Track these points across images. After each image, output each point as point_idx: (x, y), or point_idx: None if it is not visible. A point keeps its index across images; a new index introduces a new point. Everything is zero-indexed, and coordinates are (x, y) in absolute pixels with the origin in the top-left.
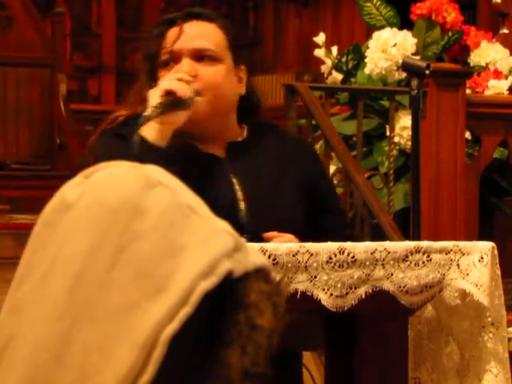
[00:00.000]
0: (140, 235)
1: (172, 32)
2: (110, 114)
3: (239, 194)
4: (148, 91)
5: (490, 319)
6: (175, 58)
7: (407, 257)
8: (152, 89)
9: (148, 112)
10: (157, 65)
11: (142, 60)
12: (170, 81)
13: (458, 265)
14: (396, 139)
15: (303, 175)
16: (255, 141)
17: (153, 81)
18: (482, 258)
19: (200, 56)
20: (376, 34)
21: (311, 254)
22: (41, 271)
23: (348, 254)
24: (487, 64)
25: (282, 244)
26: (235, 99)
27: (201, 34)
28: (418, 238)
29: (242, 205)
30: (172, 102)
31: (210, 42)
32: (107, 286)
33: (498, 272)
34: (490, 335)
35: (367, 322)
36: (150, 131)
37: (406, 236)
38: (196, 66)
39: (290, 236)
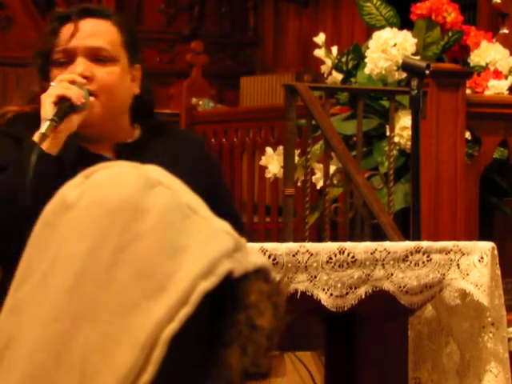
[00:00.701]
0: (140, 235)
1: (66, 29)
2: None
3: None
4: (39, 93)
5: (490, 319)
6: (69, 57)
7: (407, 257)
8: (44, 92)
9: (43, 129)
10: (49, 63)
11: (35, 57)
12: (62, 85)
13: (457, 265)
14: (396, 139)
15: (194, 177)
16: (146, 142)
17: (45, 79)
18: (481, 258)
19: (95, 55)
20: (376, 34)
21: (311, 254)
22: (41, 271)
23: (348, 254)
24: (487, 64)
25: (282, 244)
26: (129, 100)
27: (96, 32)
28: (418, 238)
29: None
30: (65, 109)
31: (105, 40)
32: (107, 286)
33: (498, 272)
34: (490, 335)
35: (367, 322)
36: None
37: (406, 236)
38: (91, 65)
39: None
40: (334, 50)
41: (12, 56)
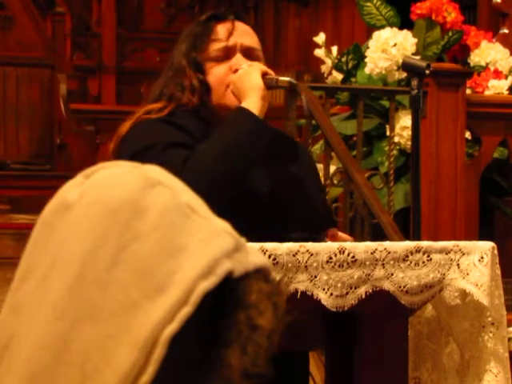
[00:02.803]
0: (140, 235)
1: (222, 27)
2: (142, 106)
3: None
4: (197, 86)
5: (490, 319)
6: (227, 53)
7: (407, 257)
8: (201, 85)
9: (293, 80)
10: (204, 58)
11: (187, 52)
12: (260, 64)
13: (458, 265)
14: (396, 139)
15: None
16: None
17: (199, 73)
18: (482, 257)
19: (249, 54)
20: (376, 34)
21: (311, 254)
22: (41, 271)
23: (348, 254)
24: (487, 64)
25: (282, 244)
26: None
27: (249, 32)
28: (418, 237)
29: None
30: (272, 82)
31: (256, 42)
32: (107, 285)
33: (498, 272)
34: (490, 335)
35: (367, 322)
36: (255, 106)
37: (406, 236)
38: (248, 62)
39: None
40: (334, 49)
41: (12, 56)
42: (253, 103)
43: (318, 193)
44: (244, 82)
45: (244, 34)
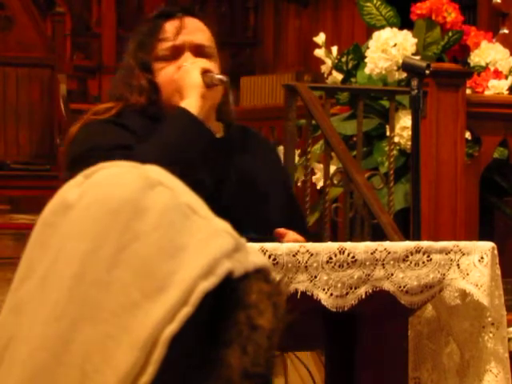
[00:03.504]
0: (140, 235)
1: (170, 25)
2: (94, 106)
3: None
4: (145, 85)
5: (490, 319)
6: (176, 52)
7: (407, 257)
8: (150, 84)
9: (225, 78)
10: (152, 57)
11: (134, 52)
12: (202, 61)
13: (458, 265)
14: (396, 139)
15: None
16: (232, 139)
17: (147, 73)
18: (482, 258)
19: (199, 52)
20: (376, 34)
21: (311, 254)
22: (41, 271)
23: (348, 254)
24: (487, 64)
25: (282, 244)
26: None
27: (199, 29)
28: (418, 238)
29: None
30: (213, 79)
31: (207, 38)
32: (107, 286)
33: (498, 272)
34: (490, 335)
35: (367, 322)
36: (193, 105)
37: (406, 236)
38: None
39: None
40: (334, 50)
41: (12, 56)
42: (191, 102)
43: (279, 191)
44: (184, 80)
45: (194, 32)
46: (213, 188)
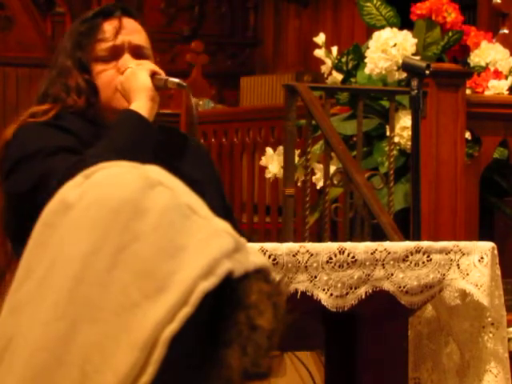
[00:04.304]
0: (140, 235)
1: (109, 25)
2: (27, 109)
3: None
4: (82, 86)
5: (490, 319)
6: (115, 53)
7: (407, 257)
8: (88, 84)
9: (183, 82)
10: (91, 57)
11: (71, 51)
12: (149, 64)
13: (458, 265)
14: (396, 139)
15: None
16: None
17: (85, 73)
18: (482, 258)
19: (137, 53)
20: (376, 34)
21: (311, 254)
22: (41, 272)
23: (348, 254)
24: (487, 64)
25: (282, 244)
26: None
27: (137, 30)
28: (418, 238)
29: None
30: (165, 82)
31: (144, 39)
32: (107, 286)
33: (498, 272)
34: (490, 335)
35: (367, 322)
36: (143, 107)
37: (406, 236)
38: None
39: None
40: (334, 50)
41: (12, 56)
42: (141, 105)
43: (215, 192)
44: (131, 82)
45: (132, 32)
46: None
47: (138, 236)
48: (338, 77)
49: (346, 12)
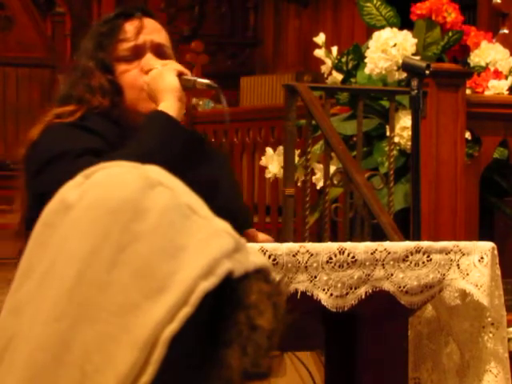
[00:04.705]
0: (140, 235)
1: (130, 25)
2: (51, 109)
3: None
4: (106, 86)
5: (489, 319)
6: (137, 52)
7: (407, 257)
8: (110, 85)
9: (212, 82)
10: (113, 58)
11: (93, 52)
12: (174, 64)
13: (458, 265)
14: (396, 139)
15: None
16: None
17: (108, 74)
18: (482, 258)
19: (159, 52)
20: (376, 34)
21: (311, 254)
22: (41, 272)
23: (348, 255)
24: (487, 64)
25: (282, 244)
26: None
27: (158, 29)
28: (418, 238)
29: None
30: (193, 83)
31: (165, 38)
32: (107, 286)
33: (498, 272)
34: (490, 335)
35: (367, 322)
36: (171, 108)
37: (406, 236)
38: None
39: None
40: (334, 50)
41: (12, 56)
42: (169, 106)
43: (235, 194)
44: (158, 83)
45: (153, 31)
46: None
47: (137, 236)
48: (338, 77)
49: (346, 12)
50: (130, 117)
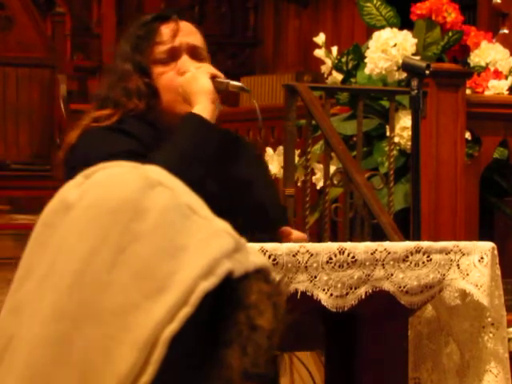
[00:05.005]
0: (140, 236)
1: (166, 28)
2: (88, 113)
3: None
4: (143, 89)
5: (489, 319)
6: (173, 54)
7: (407, 257)
8: (147, 88)
9: (244, 85)
10: (150, 60)
11: (130, 55)
12: (208, 66)
13: (458, 265)
14: (396, 139)
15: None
16: None
17: (145, 76)
18: (482, 258)
19: (195, 54)
20: (376, 34)
21: (311, 254)
22: (41, 272)
23: (348, 255)
24: (487, 64)
25: (282, 244)
26: None
27: (193, 32)
28: (418, 238)
29: None
30: (226, 85)
31: (201, 41)
32: (107, 286)
33: (498, 272)
34: (490, 335)
35: (367, 322)
36: (206, 111)
37: (406, 236)
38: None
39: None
40: (334, 50)
41: (12, 56)
42: (203, 108)
43: (270, 192)
44: (192, 85)
45: (189, 34)
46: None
47: (137, 236)
48: (338, 77)
49: (346, 12)
50: (166, 119)
